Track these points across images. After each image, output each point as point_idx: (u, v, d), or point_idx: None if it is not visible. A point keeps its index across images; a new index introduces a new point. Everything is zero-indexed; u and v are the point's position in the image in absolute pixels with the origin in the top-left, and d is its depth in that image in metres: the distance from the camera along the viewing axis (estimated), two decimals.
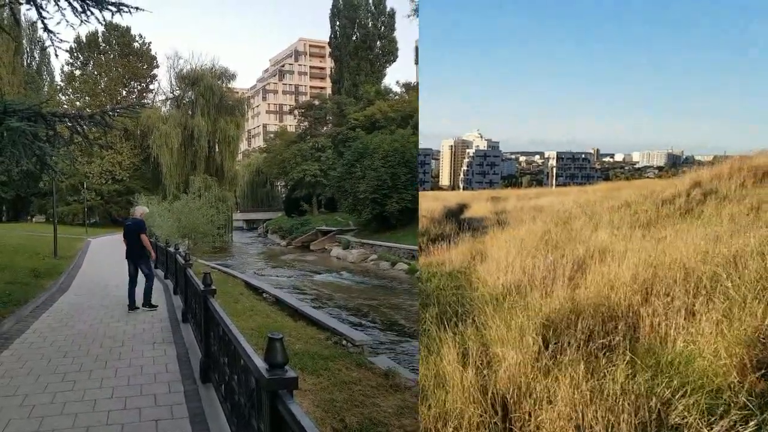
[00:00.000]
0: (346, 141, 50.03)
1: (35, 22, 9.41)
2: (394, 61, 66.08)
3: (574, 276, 5.47)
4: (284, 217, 60.55)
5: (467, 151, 56.47)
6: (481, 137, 56.88)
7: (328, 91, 78.20)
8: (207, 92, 49.79)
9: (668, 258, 5.34)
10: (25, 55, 55.92)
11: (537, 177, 55.04)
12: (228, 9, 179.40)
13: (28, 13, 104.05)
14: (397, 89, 61.79)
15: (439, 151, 53.55)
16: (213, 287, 5.51)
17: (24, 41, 52.74)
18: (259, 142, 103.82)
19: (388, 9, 64.57)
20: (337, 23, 64.12)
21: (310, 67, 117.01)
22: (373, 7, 64.48)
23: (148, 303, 9.92)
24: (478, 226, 10.24)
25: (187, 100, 51.69)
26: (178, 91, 52.34)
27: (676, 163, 61.47)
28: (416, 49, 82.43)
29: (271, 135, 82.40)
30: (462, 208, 14.42)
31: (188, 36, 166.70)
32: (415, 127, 45.82)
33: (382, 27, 64.52)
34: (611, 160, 65.93)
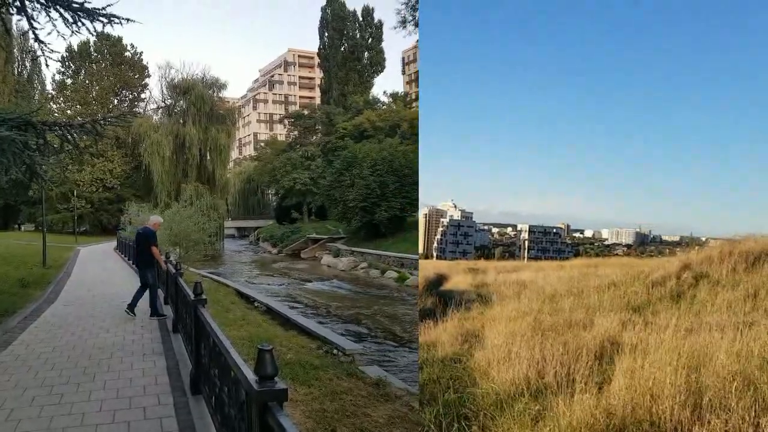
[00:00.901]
0: (335, 150, 50.25)
1: (27, 32, 9.38)
2: (382, 71, 66.98)
3: (591, 372, 4.89)
4: (275, 225, 60.52)
5: (441, 220, 57.11)
6: (455, 207, 57.70)
7: (317, 100, 78.46)
8: (198, 101, 49.80)
9: (705, 357, 4.69)
10: (16, 64, 55.51)
11: (509, 249, 55.81)
12: (218, 20, 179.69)
13: (19, 22, 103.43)
14: (384, 99, 62.53)
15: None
16: (204, 297, 5.48)
17: (15, 50, 52.40)
18: (249, 151, 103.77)
19: (375, 21, 65.38)
20: (326, 34, 64.70)
21: (300, 77, 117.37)
22: (361, 19, 65.07)
23: (155, 313, 9.84)
24: (460, 300, 9.94)
25: (179, 109, 51.59)
26: (169, 100, 52.26)
27: (644, 242, 62.85)
28: (403, 59, 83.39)
29: (262, 144, 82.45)
30: (440, 279, 14.02)
31: (179, 46, 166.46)
32: (404, 136, 46.17)
33: (370, 38, 65.18)
34: (581, 235, 66.96)
